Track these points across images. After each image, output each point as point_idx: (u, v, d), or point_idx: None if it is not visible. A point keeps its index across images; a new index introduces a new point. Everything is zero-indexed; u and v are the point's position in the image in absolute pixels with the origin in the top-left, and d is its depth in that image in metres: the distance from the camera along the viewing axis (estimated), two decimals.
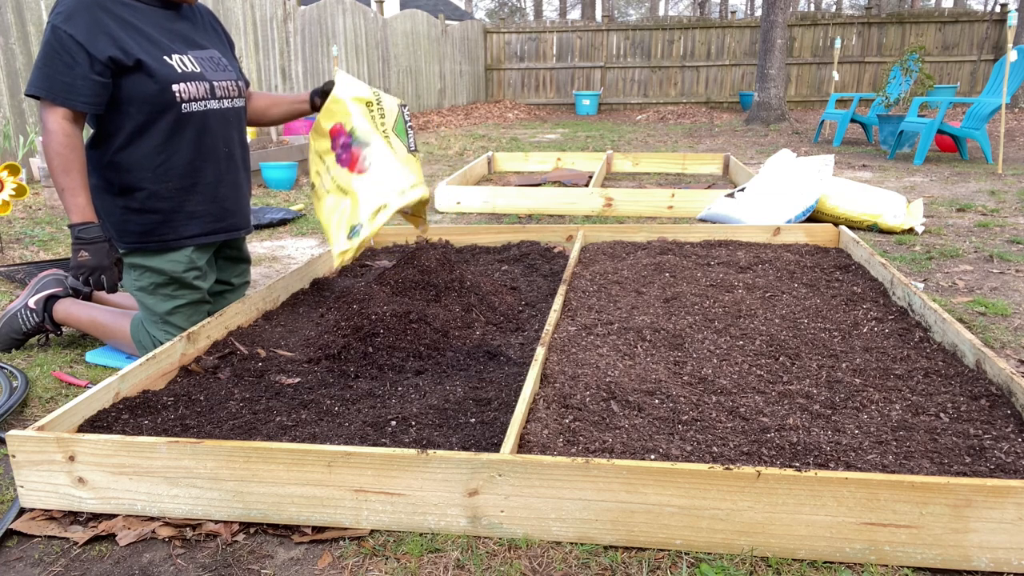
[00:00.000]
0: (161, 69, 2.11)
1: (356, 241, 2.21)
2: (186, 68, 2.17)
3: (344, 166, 2.31)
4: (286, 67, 9.62)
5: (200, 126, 2.21)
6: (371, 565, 1.41)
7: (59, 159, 2.01)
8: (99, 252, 2.07)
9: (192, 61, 2.20)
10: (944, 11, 16.33)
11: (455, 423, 1.77)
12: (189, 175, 2.23)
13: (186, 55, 2.19)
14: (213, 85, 2.23)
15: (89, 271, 2.06)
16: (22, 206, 5.04)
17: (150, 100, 2.11)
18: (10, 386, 2.16)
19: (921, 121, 6.76)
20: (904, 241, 3.85)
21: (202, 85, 2.19)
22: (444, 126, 12.01)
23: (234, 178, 2.36)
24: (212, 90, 2.23)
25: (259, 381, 2.07)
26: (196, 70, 2.19)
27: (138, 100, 2.10)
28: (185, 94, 2.15)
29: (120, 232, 2.22)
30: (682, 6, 40.22)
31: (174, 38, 2.20)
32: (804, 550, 1.38)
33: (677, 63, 15.27)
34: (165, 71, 2.11)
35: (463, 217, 4.74)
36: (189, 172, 2.23)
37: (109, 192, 2.19)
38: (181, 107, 2.15)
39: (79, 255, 2.05)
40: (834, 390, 1.89)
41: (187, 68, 2.17)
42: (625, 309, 2.51)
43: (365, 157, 2.26)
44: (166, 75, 2.11)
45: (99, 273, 2.08)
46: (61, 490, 1.58)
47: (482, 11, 37.78)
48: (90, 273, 2.07)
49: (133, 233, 2.21)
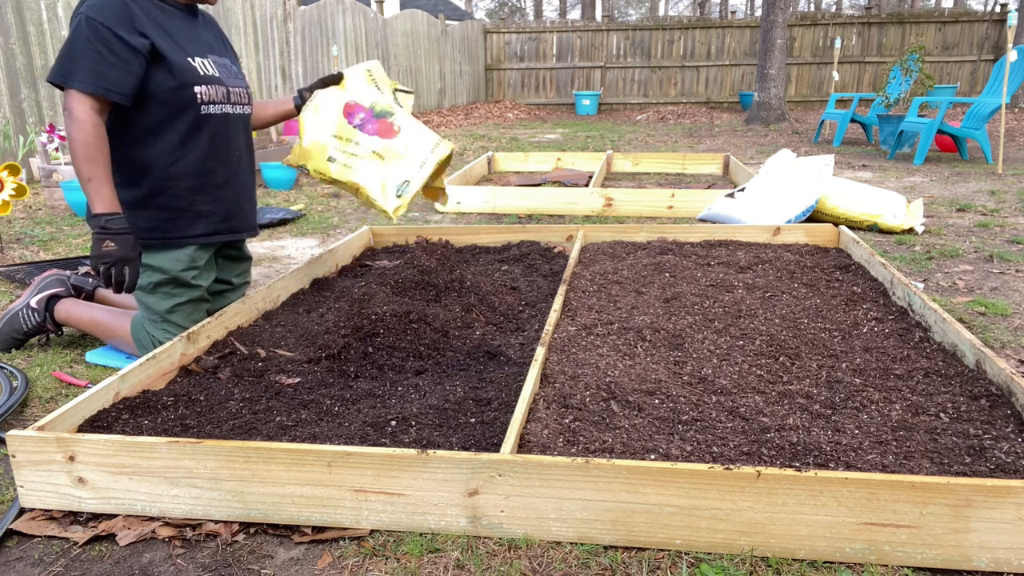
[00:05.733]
0: (185, 69, 2.16)
1: (406, 197, 2.48)
2: (207, 72, 2.22)
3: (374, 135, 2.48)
4: (286, 67, 9.62)
5: (215, 129, 2.26)
6: (371, 565, 1.41)
7: (86, 148, 2.00)
8: (125, 243, 2.05)
9: (211, 65, 2.25)
10: (944, 11, 16.34)
11: (455, 423, 1.77)
12: (201, 175, 2.26)
13: (206, 59, 2.25)
14: (229, 90, 2.30)
15: (113, 261, 2.04)
16: (22, 206, 5.04)
17: (171, 99, 2.15)
18: (10, 386, 2.16)
19: (921, 121, 6.76)
20: (904, 241, 3.85)
21: (220, 89, 2.26)
22: (444, 126, 12.01)
23: (241, 180, 2.41)
24: (228, 95, 2.29)
25: (259, 381, 2.07)
26: (215, 74, 2.25)
27: (159, 97, 2.14)
28: (206, 96, 2.21)
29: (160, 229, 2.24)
30: (682, 6, 40.23)
31: (195, 41, 2.25)
32: (804, 550, 1.38)
33: (677, 63, 15.27)
34: (188, 71, 2.16)
35: (463, 217, 4.74)
36: (201, 172, 2.26)
37: (118, 186, 2.18)
38: (200, 108, 2.20)
39: (103, 245, 2.02)
40: (834, 390, 1.89)
41: (207, 72, 2.23)
42: (625, 309, 2.51)
43: (393, 124, 2.52)
44: (189, 76, 2.16)
45: (123, 264, 2.05)
46: (61, 490, 1.58)
47: (482, 11, 37.79)
48: (113, 264, 2.04)
49: (140, 228, 2.22)
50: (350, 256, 3.43)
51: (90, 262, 2.06)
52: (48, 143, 4.80)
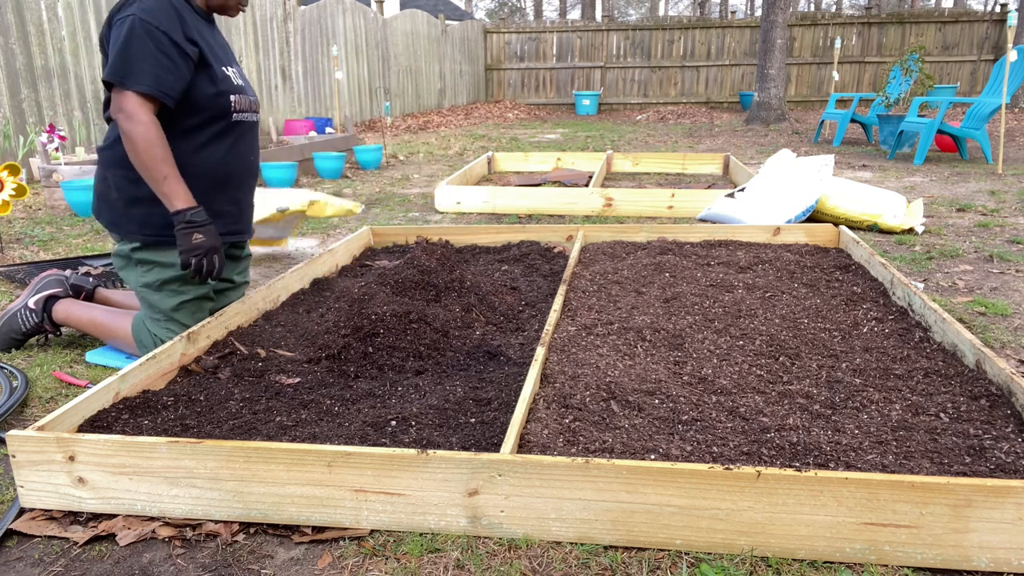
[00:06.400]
0: (223, 78, 2.23)
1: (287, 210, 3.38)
2: (236, 81, 2.29)
3: None
4: (286, 67, 9.62)
5: (240, 135, 2.33)
6: (371, 565, 1.41)
7: (157, 149, 2.05)
8: (211, 233, 2.13)
9: (236, 75, 2.32)
10: (944, 11, 16.34)
11: (455, 423, 1.77)
12: (221, 177, 2.30)
13: (231, 68, 2.31)
14: (251, 100, 2.37)
15: (204, 252, 2.11)
16: (22, 206, 5.04)
17: (210, 105, 2.20)
18: (10, 386, 2.16)
19: (921, 121, 6.76)
20: (904, 241, 3.85)
21: (246, 99, 2.33)
22: (444, 126, 12.01)
23: (252, 184, 2.48)
24: (251, 104, 2.37)
25: (259, 381, 2.07)
26: (242, 84, 2.32)
27: (199, 103, 2.18)
28: (237, 105, 2.28)
29: (142, 224, 2.24)
30: (682, 6, 40.22)
31: (221, 50, 2.30)
32: (804, 550, 1.38)
33: (677, 63, 15.27)
34: (225, 80, 2.25)
35: (463, 217, 4.74)
36: (222, 174, 2.30)
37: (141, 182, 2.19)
38: (233, 116, 2.26)
39: (193, 238, 2.09)
40: (834, 390, 1.89)
41: (236, 81, 2.29)
42: (625, 309, 2.51)
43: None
44: (226, 84, 2.25)
45: (212, 253, 2.13)
46: (61, 490, 1.58)
47: (482, 11, 37.78)
48: (205, 254, 2.11)
49: (155, 225, 2.23)
50: (350, 256, 3.43)
51: (181, 256, 2.12)
52: (48, 143, 4.80)
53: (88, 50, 6.77)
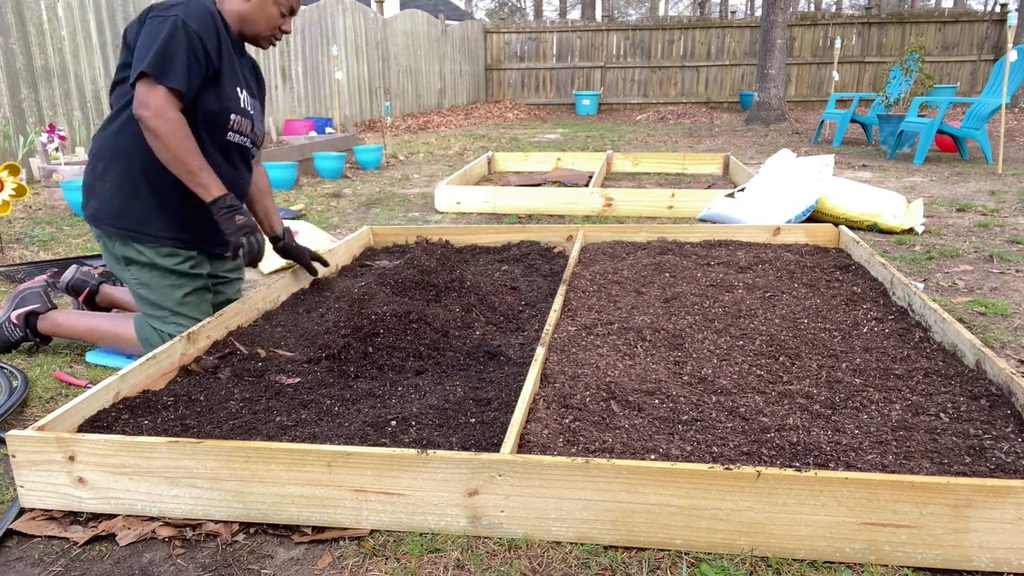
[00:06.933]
0: (231, 97, 2.29)
1: None
2: (244, 106, 2.35)
3: None
4: (286, 67, 9.62)
5: (229, 155, 2.36)
6: (371, 565, 1.41)
7: (188, 142, 2.12)
8: (248, 214, 2.26)
9: (249, 102, 2.38)
10: (944, 11, 16.35)
11: (455, 423, 1.77)
12: None
13: (244, 92, 2.36)
14: (254, 126, 2.42)
15: (250, 230, 2.22)
16: (22, 206, 5.04)
17: (209, 117, 2.24)
18: (10, 386, 2.16)
19: (921, 121, 6.76)
20: (904, 241, 3.85)
21: (248, 123, 2.38)
22: (444, 126, 12.01)
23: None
24: (252, 129, 2.41)
25: (259, 381, 2.07)
26: (249, 110, 2.37)
27: (199, 112, 2.21)
28: (235, 125, 2.32)
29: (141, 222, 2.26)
30: (682, 6, 40.22)
31: (241, 74, 2.37)
32: (804, 550, 1.38)
33: (677, 63, 15.27)
34: (233, 99, 2.29)
35: (463, 217, 4.74)
36: None
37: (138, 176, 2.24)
38: (228, 134, 2.31)
39: (236, 219, 2.19)
40: (834, 390, 1.89)
41: (244, 106, 2.35)
42: (625, 309, 2.51)
43: None
44: (232, 103, 2.29)
45: (256, 232, 2.24)
46: (61, 490, 1.58)
47: (482, 11, 37.79)
48: (251, 231, 2.22)
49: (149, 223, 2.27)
50: (350, 256, 3.43)
51: (230, 239, 2.19)
52: (48, 143, 4.80)
53: (88, 50, 6.77)
